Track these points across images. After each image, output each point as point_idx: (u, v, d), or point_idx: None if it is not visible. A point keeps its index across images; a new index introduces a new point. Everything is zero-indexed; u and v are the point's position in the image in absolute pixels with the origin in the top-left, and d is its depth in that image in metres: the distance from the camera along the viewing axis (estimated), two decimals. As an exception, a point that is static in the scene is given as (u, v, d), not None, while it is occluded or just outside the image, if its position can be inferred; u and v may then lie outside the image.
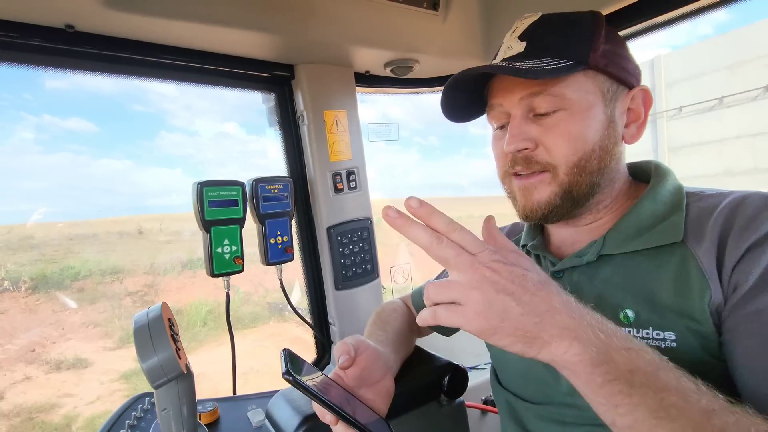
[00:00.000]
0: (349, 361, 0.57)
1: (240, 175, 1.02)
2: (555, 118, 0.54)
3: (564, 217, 0.58)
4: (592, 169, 0.54)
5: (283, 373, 0.48)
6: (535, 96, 0.54)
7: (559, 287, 0.43)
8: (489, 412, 1.14)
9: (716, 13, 0.86)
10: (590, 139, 0.54)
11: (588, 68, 0.53)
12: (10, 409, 2.95)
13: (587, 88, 0.54)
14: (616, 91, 0.56)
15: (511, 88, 0.56)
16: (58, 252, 4.05)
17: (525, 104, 0.55)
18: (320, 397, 0.48)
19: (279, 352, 0.52)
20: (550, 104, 0.54)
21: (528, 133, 0.55)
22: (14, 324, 3.47)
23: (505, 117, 0.59)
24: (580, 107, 0.53)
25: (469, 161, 8.08)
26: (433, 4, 1.04)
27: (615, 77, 0.55)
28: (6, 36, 0.77)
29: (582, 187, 0.55)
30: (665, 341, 0.48)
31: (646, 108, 0.58)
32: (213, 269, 0.96)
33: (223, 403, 0.86)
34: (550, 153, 0.54)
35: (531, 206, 0.57)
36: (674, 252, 0.51)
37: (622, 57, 0.56)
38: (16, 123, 5.18)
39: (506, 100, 0.57)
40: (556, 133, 0.54)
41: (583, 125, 0.54)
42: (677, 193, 0.56)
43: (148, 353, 0.58)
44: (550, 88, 0.53)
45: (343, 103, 1.15)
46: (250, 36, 0.90)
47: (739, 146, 5.34)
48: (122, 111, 6.18)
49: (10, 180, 4.62)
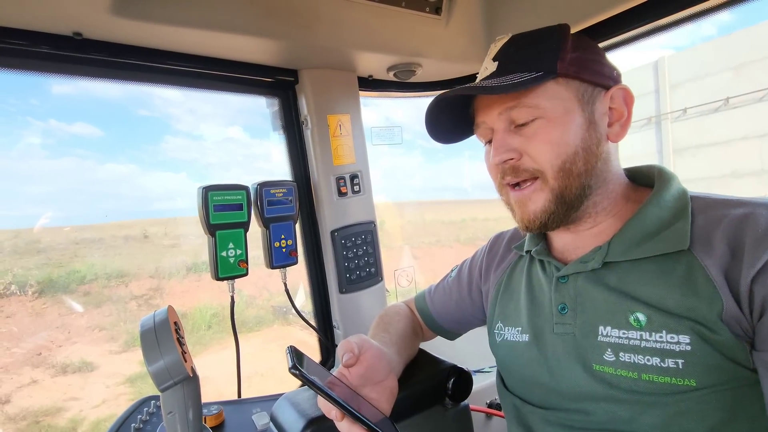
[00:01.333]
0: (353, 359, 0.58)
1: (244, 179, 1.02)
2: (534, 127, 0.56)
3: (562, 223, 0.59)
4: (579, 171, 0.56)
5: (290, 367, 0.48)
6: (511, 109, 0.57)
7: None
8: (494, 416, 1.13)
9: (719, 15, 0.86)
10: (571, 142, 0.56)
11: (558, 76, 0.56)
12: (17, 413, 2.97)
13: (561, 95, 0.56)
14: (592, 94, 0.57)
15: (490, 104, 0.59)
16: (65, 256, 4.08)
17: (504, 118, 0.58)
18: (326, 392, 0.48)
19: (285, 350, 0.53)
20: (528, 115, 0.56)
21: (511, 144, 0.57)
22: (21, 328, 3.49)
23: (490, 133, 0.62)
24: (557, 113, 0.56)
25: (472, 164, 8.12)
26: (436, 9, 1.05)
27: (589, 81, 0.57)
28: (15, 44, 0.78)
29: (572, 189, 0.56)
30: (680, 344, 0.48)
31: (629, 106, 0.59)
32: (218, 273, 0.97)
33: (228, 407, 0.86)
34: (535, 160, 0.56)
35: (529, 217, 0.59)
36: (680, 260, 0.51)
37: (595, 62, 0.58)
38: (23, 128, 5.24)
39: (488, 116, 0.60)
40: (537, 141, 0.56)
41: (562, 130, 0.55)
42: (682, 199, 0.56)
43: (155, 356, 0.59)
44: (523, 100, 0.56)
45: (346, 108, 1.16)
46: (254, 42, 0.91)
47: (745, 147, 5.30)
48: (127, 115, 6.23)
49: (17, 185, 4.66)
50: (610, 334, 0.54)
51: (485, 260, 0.80)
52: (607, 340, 0.54)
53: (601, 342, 0.54)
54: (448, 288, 0.85)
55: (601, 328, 0.55)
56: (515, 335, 0.67)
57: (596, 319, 0.55)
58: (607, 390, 0.53)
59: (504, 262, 0.76)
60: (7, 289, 3.55)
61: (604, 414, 0.54)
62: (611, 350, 0.53)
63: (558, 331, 0.60)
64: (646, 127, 6.36)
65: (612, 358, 0.53)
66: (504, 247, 0.78)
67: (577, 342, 0.57)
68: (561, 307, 0.60)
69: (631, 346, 0.51)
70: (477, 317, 0.82)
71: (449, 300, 0.84)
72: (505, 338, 0.69)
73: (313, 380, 0.48)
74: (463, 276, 0.83)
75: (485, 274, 0.79)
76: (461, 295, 0.82)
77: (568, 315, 0.59)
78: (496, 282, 0.76)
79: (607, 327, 0.54)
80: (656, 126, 6.21)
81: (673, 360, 0.48)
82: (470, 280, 0.81)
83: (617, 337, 0.53)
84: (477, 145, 0.68)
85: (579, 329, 0.57)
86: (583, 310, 0.57)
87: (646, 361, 0.50)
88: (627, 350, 0.52)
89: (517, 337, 0.66)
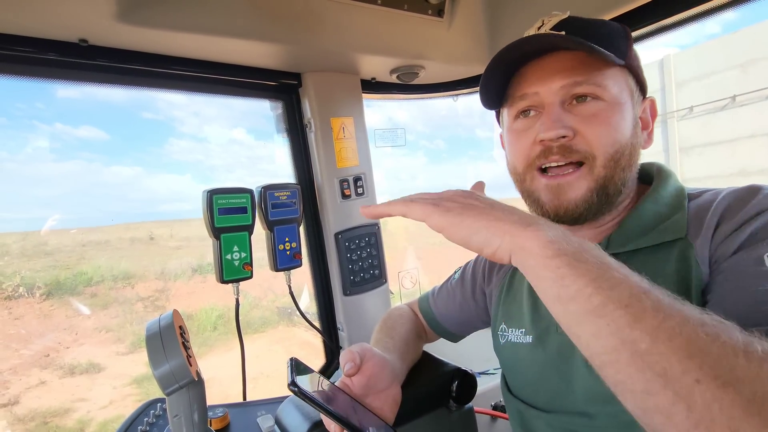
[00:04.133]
0: (354, 369, 0.58)
1: (248, 180, 1.03)
2: (594, 107, 0.53)
3: (593, 218, 0.57)
4: (625, 164, 0.54)
5: (289, 384, 0.48)
6: (578, 84, 0.53)
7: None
8: (499, 418, 1.13)
9: (724, 13, 0.85)
10: (626, 132, 0.54)
11: (625, 65, 0.54)
12: (25, 414, 3.00)
13: (623, 85, 0.54)
14: (638, 97, 0.57)
15: (551, 75, 0.54)
16: (72, 258, 4.12)
17: (565, 92, 0.54)
18: (324, 407, 0.48)
19: (287, 359, 0.53)
20: (592, 93, 0.53)
21: (567, 121, 0.53)
22: (29, 329, 3.53)
23: (536, 106, 0.56)
24: (617, 101, 0.53)
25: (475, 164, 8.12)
26: (439, 11, 1.05)
27: (640, 82, 0.57)
28: (22, 51, 0.79)
29: (616, 182, 0.54)
30: None
31: (653, 118, 0.59)
32: (223, 276, 0.98)
33: (233, 409, 0.87)
34: (589, 142, 0.53)
35: (565, 205, 0.55)
36: (675, 245, 0.52)
37: (641, 68, 0.58)
38: (29, 132, 5.29)
39: (544, 87, 0.54)
40: (597, 122, 0.53)
41: (621, 117, 0.53)
42: (679, 195, 0.56)
43: (160, 361, 0.59)
44: (593, 78, 0.52)
45: (349, 110, 1.16)
46: (258, 46, 0.92)
47: (753, 145, 5.24)
48: (132, 119, 6.27)
49: (25, 188, 4.71)
50: None
51: (488, 262, 0.80)
52: None
53: None
54: (452, 290, 0.84)
55: None
56: (519, 336, 0.66)
57: None
58: (608, 389, 0.53)
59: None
60: (16, 291, 3.59)
61: (606, 417, 0.54)
62: None
63: (561, 331, 0.59)
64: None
65: None
66: None
67: None
68: None
69: None
70: (480, 319, 0.82)
71: (453, 302, 0.83)
72: (509, 340, 0.68)
73: (311, 396, 0.48)
74: (467, 278, 0.83)
75: (488, 275, 0.79)
76: (465, 297, 0.82)
77: None
78: (499, 283, 0.75)
79: None
80: (662, 124, 6.15)
81: None
82: (474, 282, 0.81)
83: None
84: (480, 146, 0.67)
85: None
86: None
87: None
88: None
89: (520, 338, 0.66)
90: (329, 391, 0.53)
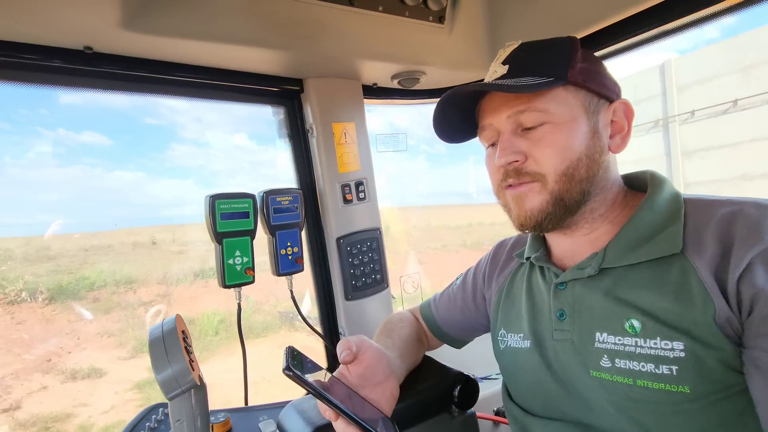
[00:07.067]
0: (350, 356, 0.58)
1: (250, 185, 1.03)
2: (541, 131, 0.57)
3: (558, 225, 0.59)
4: (581, 177, 0.56)
5: (284, 368, 0.48)
6: (521, 113, 0.57)
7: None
8: (501, 424, 1.12)
9: (724, 18, 0.86)
10: (576, 148, 0.56)
11: (567, 83, 0.56)
12: (27, 419, 2.99)
13: (569, 102, 0.57)
14: (597, 105, 0.58)
15: (499, 107, 0.60)
16: (74, 263, 4.13)
17: (512, 121, 0.58)
18: (319, 392, 0.48)
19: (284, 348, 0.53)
20: (536, 119, 0.57)
21: (517, 147, 0.58)
22: (32, 334, 3.53)
23: (495, 135, 0.62)
24: (564, 119, 0.56)
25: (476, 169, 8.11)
26: (439, 17, 1.06)
27: (594, 92, 0.58)
28: (28, 58, 0.80)
29: (572, 194, 0.57)
30: (674, 351, 0.48)
31: (629, 119, 0.60)
32: (225, 281, 0.98)
33: (235, 414, 0.87)
34: (539, 163, 0.57)
35: (525, 214, 0.59)
36: (674, 263, 0.51)
37: (600, 74, 0.59)
38: (33, 137, 5.32)
39: (495, 118, 0.60)
40: (543, 145, 0.56)
41: (569, 135, 0.56)
42: (675, 201, 0.56)
43: (163, 365, 0.60)
44: (534, 104, 0.56)
45: (351, 116, 1.17)
46: (260, 53, 0.93)
47: (755, 149, 5.23)
48: (134, 124, 6.31)
49: (28, 193, 4.73)
50: (606, 340, 0.54)
51: (488, 267, 0.80)
52: (604, 347, 0.54)
53: (598, 348, 0.54)
54: (453, 295, 0.85)
55: (598, 334, 0.55)
56: (518, 341, 0.67)
57: (593, 325, 0.56)
58: (605, 396, 0.53)
59: (506, 269, 0.77)
60: (18, 296, 3.60)
61: (603, 423, 0.54)
62: (607, 356, 0.53)
63: (557, 338, 0.60)
64: (653, 129, 6.30)
65: (608, 364, 0.53)
66: (506, 255, 0.79)
67: (575, 348, 0.57)
68: (559, 313, 0.60)
69: (627, 353, 0.51)
70: (482, 324, 0.82)
71: (454, 307, 0.84)
72: (509, 345, 0.69)
73: (306, 380, 0.48)
74: (468, 283, 0.83)
75: (488, 281, 0.79)
76: (466, 303, 0.82)
77: (566, 321, 0.59)
78: (498, 289, 0.76)
79: (603, 333, 0.54)
80: (664, 129, 6.16)
81: (667, 366, 0.48)
82: (474, 287, 0.82)
83: (613, 344, 0.53)
84: (481, 151, 0.69)
85: (577, 335, 0.57)
86: (581, 317, 0.58)
87: (641, 368, 0.50)
88: (622, 356, 0.52)
89: (519, 343, 0.67)
90: (326, 380, 0.53)
